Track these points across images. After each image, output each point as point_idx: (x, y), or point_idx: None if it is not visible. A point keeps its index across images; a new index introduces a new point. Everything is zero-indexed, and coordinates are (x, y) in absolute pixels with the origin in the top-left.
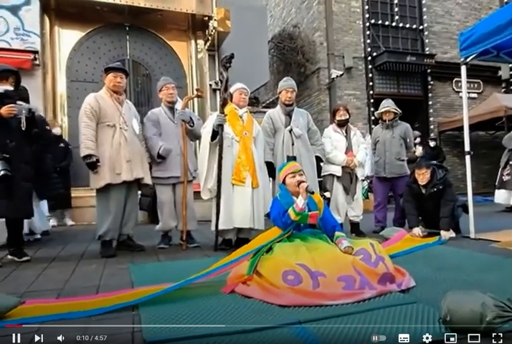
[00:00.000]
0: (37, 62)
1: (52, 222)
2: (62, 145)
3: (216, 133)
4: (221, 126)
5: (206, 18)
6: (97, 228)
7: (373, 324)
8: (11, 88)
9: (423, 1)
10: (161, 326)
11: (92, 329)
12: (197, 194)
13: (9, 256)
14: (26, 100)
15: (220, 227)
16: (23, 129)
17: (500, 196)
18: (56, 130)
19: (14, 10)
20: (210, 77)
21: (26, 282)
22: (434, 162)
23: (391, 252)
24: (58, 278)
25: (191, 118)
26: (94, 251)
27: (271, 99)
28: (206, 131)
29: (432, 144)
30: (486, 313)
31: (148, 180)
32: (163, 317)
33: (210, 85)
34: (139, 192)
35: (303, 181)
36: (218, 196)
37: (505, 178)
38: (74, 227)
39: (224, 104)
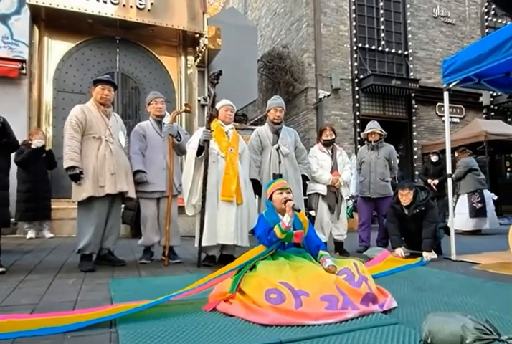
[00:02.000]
0: (24, 71)
1: (30, 234)
2: (44, 155)
3: (202, 149)
4: (207, 142)
5: (197, 35)
6: (78, 242)
7: None
8: None
9: (408, 28)
10: None
11: None
12: (181, 209)
13: None
14: None
15: (203, 243)
16: None
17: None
18: (38, 142)
19: (4, 19)
20: (199, 92)
21: (1, 295)
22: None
23: (374, 272)
24: (34, 292)
25: (178, 133)
26: (73, 265)
27: (259, 117)
28: (191, 146)
29: (433, 159)
30: (466, 336)
31: (132, 194)
32: (142, 335)
33: (199, 101)
34: (122, 205)
35: (290, 199)
36: (202, 212)
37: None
38: (53, 239)
39: (210, 120)
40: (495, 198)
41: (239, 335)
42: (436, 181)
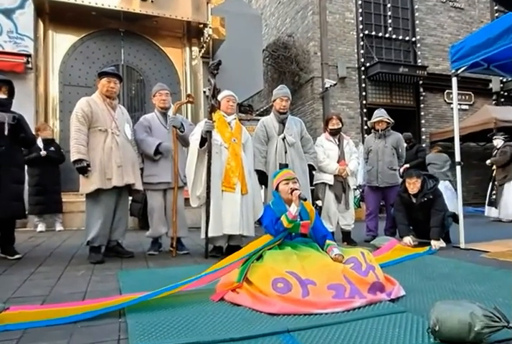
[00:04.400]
0: (30, 66)
1: (40, 227)
2: (52, 148)
3: (205, 140)
4: (209, 132)
5: (202, 25)
6: (86, 234)
7: (362, 333)
8: (5, 96)
9: (416, 14)
10: (148, 334)
11: (77, 337)
12: (188, 201)
13: (1, 254)
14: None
15: (210, 234)
16: (5, 134)
17: None
18: (43, 153)
19: (8, 13)
20: (204, 83)
21: (12, 287)
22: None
23: (382, 261)
24: (44, 284)
25: (182, 124)
26: (82, 257)
27: (265, 107)
28: (194, 138)
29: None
30: (475, 323)
31: (139, 186)
32: (151, 324)
33: (204, 92)
34: (130, 198)
35: (296, 189)
36: (207, 203)
37: None
38: (63, 232)
39: (212, 110)
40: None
41: (246, 324)
42: (407, 165)
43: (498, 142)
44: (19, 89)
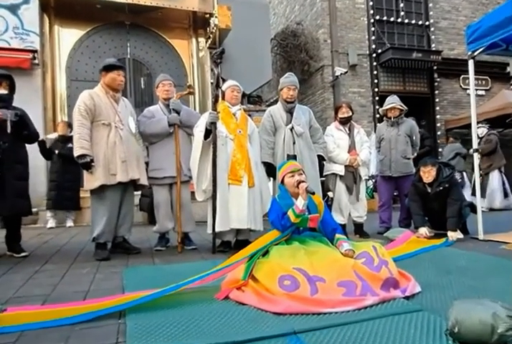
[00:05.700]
0: (36, 61)
1: (50, 223)
2: (69, 145)
3: (210, 132)
4: (214, 124)
5: (208, 15)
6: (92, 231)
7: (374, 334)
8: (6, 92)
9: None
10: (146, 337)
11: (74, 340)
12: (194, 194)
13: (8, 252)
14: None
15: (217, 229)
16: (8, 132)
17: None
18: (50, 136)
19: (13, 9)
20: (211, 75)
21: (14, 286)
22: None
23: (396, 255)
24: (47, 282)
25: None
26: (88, 254)
27: (274, 98)
28: (198, 130)
29: None
30: (497, 324)
31: (144, 181)
32: (151, 326)
33: (212, 83)
34: (139, 192)
35: (303, 181)
36: (213, 197)
37: None
38: (73, 228)
39: (215, 101)
40: None
41: (250, 325)
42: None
43: (482, 130)
44: (27, 86)
